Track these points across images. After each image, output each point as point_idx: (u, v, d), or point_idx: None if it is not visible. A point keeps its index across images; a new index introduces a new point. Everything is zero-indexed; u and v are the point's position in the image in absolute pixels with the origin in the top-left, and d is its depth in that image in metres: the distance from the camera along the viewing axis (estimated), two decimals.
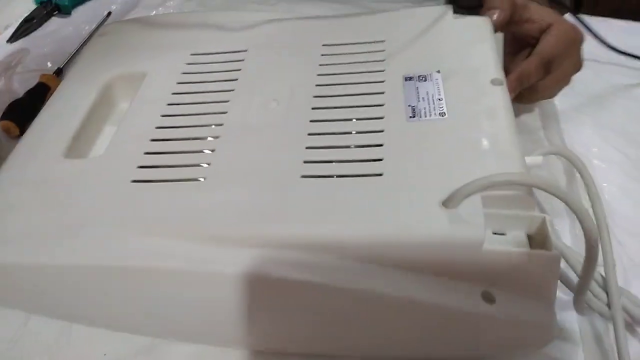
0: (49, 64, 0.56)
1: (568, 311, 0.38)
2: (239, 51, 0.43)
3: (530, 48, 0.46)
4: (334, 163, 0.33)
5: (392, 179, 0.31)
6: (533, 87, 0.45)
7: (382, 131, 0.34)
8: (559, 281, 0.33)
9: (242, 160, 0.34)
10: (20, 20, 0.61)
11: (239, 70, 0.41)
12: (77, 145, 0.39)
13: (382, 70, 0.39)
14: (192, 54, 0.44)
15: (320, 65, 0.40)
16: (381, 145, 0.34)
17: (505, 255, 0.29)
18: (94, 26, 0.61)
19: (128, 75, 0.43)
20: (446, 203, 0.29)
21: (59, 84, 0.50)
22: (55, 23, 0.62)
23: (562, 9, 0.50)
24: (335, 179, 0.32)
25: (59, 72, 0.54)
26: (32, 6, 0.64)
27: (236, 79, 0.40)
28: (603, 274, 0.36)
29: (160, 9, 0.64)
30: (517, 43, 0.47)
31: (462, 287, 0.30)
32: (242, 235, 0.30)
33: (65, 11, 0.63)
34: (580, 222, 0.28)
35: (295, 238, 0.30)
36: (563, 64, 0.45)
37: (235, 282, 0.30)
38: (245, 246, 0.30)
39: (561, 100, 0.51)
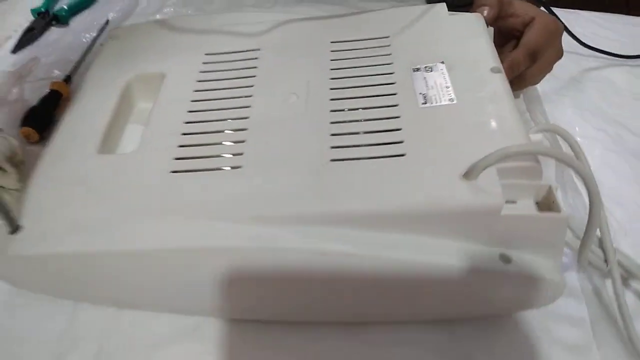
0: (56, 72, 0.57)
1: (569, 272, 0.42)
2: (252, 50, 0.46)
3: (515, 41, 0.51)
4: (359, 147, 0.36)
5: (414, 158, 0.35)
6: (521, 75, 0.49)
7: (398, 117, 0.38)
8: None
9: (273, 149, 0.37)
10: (19, 31, 0.63)
11: (255, 67, 0.44)
12: (107, 143, 0.41)
13: (391, 63, 0.43)
14: (207, 54, 0.46)
15: (331, 60, 0.44)
16: (400, 129, 0.37)
17: (521, 219, 0.33)
18: (94, 34, 0.63)
19: (146, 76, 0.46)
20: (466, 175, 0.33)
21: (69, 90, 0.52)
22: (55, 33, 0.64)
23: (537, 3, 0.55)
24: (362, 161, 0.35)
25: (68, 79, 0.56)
26: (29, 17, 0.65)
27: (254, 76, 0.43)
28: (599, 234, 0.40)
29: (157, 16, 0.66)
30: (502, 36, 0.52)
31: (482, 250, 0.34)
32: (285, 215, 0.33)
33: (63, 21, 0.65)
34: (586, 184, 0.32)
35: (333, 215, 0.33)
36: (547, 53, 0.50)
37: (283, 257, 0.33)
38: (288, 224, 0.33)
39: (543, 86, 0.56)
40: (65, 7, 0.65)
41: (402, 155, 0.35)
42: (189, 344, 0.38)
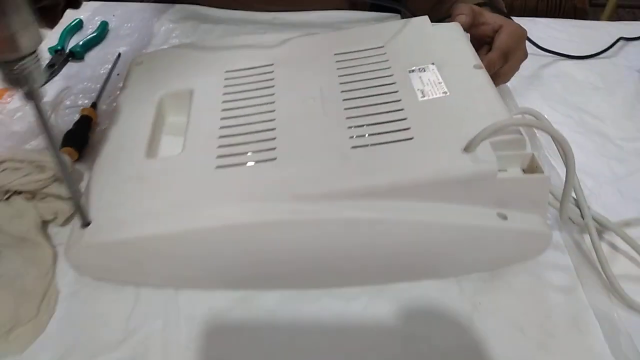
0: (80, 101, 0.63)
1: (552, 230, 0.50)
2: (267, 65, 0.53)
3: (487, 46, 0.59)
4: (374, 135, 0.44)
5: (421, 140, 0.43)
6: (496, 73, 0.58)
7: (402, 109, 0.46)
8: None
9: (300, 142, 0.44)
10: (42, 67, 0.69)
11: (273, 79, 0.51)
12: (151, 150, 0.47)
13: (389, 67, 0.51)
14: (227, 71, 0.53)
15: (337, 69, 0.51)
16: (405, 118, 0.45)
17: (513, 181, 0.41)
18: (109, 66, 0.69)
19: (176, 93, 0.52)
20: (467, 149, 0.41)
21: (97, 115, 0.59)
22: (73, 67, 0.70)
23: (501, 14, 0.64)
24: (378, 146, 0.43)
25: (94, 106, 0.62)
26: (47, 54, 0.71)
27: (273, 86, 0.50)
28: (574, 196, 0.48)
29: (164, 47, 0.73)
30: (475, 42, 0.60)
31: (482, 211, 0.42)
32: (321, 192, 0.40)
33: (78, 56, 0.71)
34: (562, 146, 0.40)
35: (361, 189, 0.40)
36: (516, 54, 0.59)
37: (324, 227, 0.40)
38: (324, 200, 0.40)
39: (512, 83, 0.65)
40: (80, 44, 0.72)
41: (411, 138, 0.43)
42: (242, 312, 0.44)
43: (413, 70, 0.50)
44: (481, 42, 0.60)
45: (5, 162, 0.47)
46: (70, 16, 0.77)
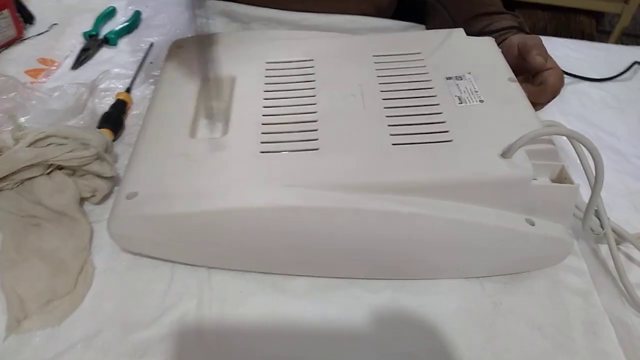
0: (118, 85, 0.65)
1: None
2: (307, 60, 0.55)
3: (527, 73, 0.60)
4: (414, 135, 0.46)
5: (460, 143, 0.45)
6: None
7: (441, 113, 0.48)
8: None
9: (342, 135, 0.46)
10: (75, 51, 0.70)
11: (313, 74, 0.53)
12: (193, 131, 0.49)
13: (427, 73, 0.53)
14: (267, 62, 0.55)
15: (376, 69, 0.53)
16: (444, 122, 0.47)
17: (546, 189, 0.44)
18: (141, 54, 0.71)
19: (219, 79, 0.53)
20: (504, 155, 0.43)
21: (131, 100, 0.60)
22: (106, 52, 0.71)
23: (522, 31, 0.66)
24: (418, 145, 0.45)
25: (129, 90, 0.63)
26: (81, 39, 0.73)
27: (314, 81, 0.52)
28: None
29: None
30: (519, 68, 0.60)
31: (512, 216, 0.44)
32: (362, 184, 0.42)
33: (112, 43, 0.73)
34: (593, 155, 0.42)
35: (400, 184, 0.42)
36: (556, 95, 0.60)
37: (361, 217, 0.42)
38: (363, 192, 0.42)
39: None
40: (115, 30, 0.73)
41: (450, 141, 0.45)
42: (272, 295, 0.46)
43: (450, 78, 0.52)
44: (524, 70, 0.60)
45: (51, 137, 0.48)
46: (104, 3, 0.79)
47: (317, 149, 0.45)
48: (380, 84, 0.51)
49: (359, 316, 0.45)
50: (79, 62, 0.69)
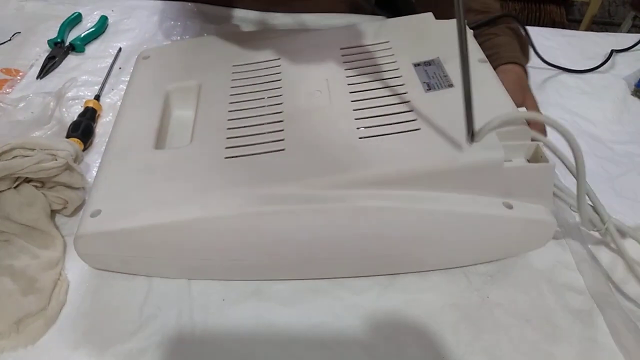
0: (87, 92, 0.63)
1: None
2: (273, 59, 0.54)
3: None
4: (381, 127, 0.45)
5: (428, 130, 0.44)
6: None
7: (408, 102, 0.47)
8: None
9: (308, 133, 0.45)
10: (40, 60, 0.68)
11: (280, 73, 0.52)
12: (159, 142, 0.47)
13: (395, 62, 0.52)
14: (234, 65, 0.54)
15: (344, 62, 0.52)
16: (411, 110, 0.46)
17: (519, 170, 0.43)
18: (110, 60, 0.69)
19: (184, 87, 0.52)
20: (474, 139, 0.42)
21: (101, 107, 0.59)
22: (73, 60, 0.69)
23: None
24: (386, 136, 0.44)
25: (98, 98, 0.62)
26: (46, 47, 0.70)
27: (280, 80, 0.51)
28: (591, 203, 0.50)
29: (166, 42, 0.73)
30: None
31: (489, 200, 0.43)
32: (329, 181, 0.41)
33: (79, 49, 0.70)
34: (568, 140, 0.42)
35: (370, 177, 0.41)
36: None
37: (332, 216, 0.41)
38: (332, 188, 0.41)
39: None
40: (80, 37, 0.71)
41: (418, 129, 0.44)
42: (255, 302, 0.45)
43: (418, 65, 0.51)
44: None
45: (16, 149, 0.46)
46: (69, 10, 0.77)
47: (282, 150, 0.44)
48: (347, 77, 0.51)
49: (345, 318, 0.44)
50: (45, 70, 0.66)
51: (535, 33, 0.82)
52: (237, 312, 0.44)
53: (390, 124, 0.45)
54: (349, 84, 0.50)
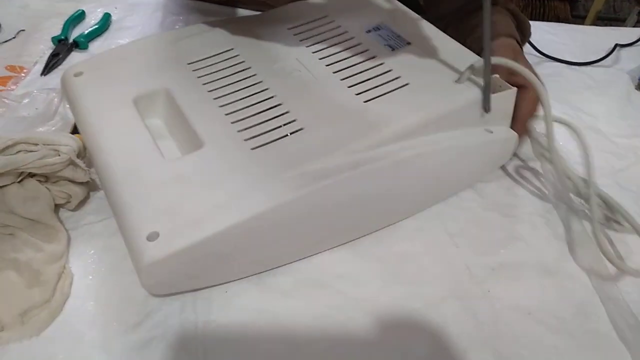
0: None
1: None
2: (227, 50, 0.53)
3: None
4: (374, 89, 0.48)
5: (415, 84, 0.48)
6: None
7: (382, 63, 0.50)
8: None
9: (315, 109, 0.46)
10: (44, 57, 0.69)
11: (244, 61, 0.51)
12: (161, 152, 0.44)
13: (347, 32, 0.54)
14: (189, 63, 0.51)
15: (300, 40, 0.54)
16: (391, 70, 0.49)
17: (496, 98, 0.48)
18: None
19: (148, 95, 0.49)
20: (458, 81, 0.48)
21: None
22: (77, 57, 0.70)
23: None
24: (384, 96, 0.47)
25: None
26: (50, 44, 0.71)
27: (249, 67, 0.51)
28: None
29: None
30: None
31: (475, 130, 0.49)
32: (368, 144, 0.44)
33: (82, 46, 0.71)
34: (532, 83, 0.49)
35: (399, 131, 0.45)
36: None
37: (367, 172, 0.43)
38: (372, 149, 0.44)
39: None
40: (84, 34, 0.72)
41: (407, 84, 0.48)
42: (258, 293, 0.45)
43: (370, 31, 0.54)
44: None
45: (20, 144, 0.46)
46: (72, 7, 0.77)
47: (302, 129, 0.44)
48: (313, 53, 0.52)
49: (346, 310, 0.44)
50: (49, 67, 0.67)
51: (537, 27, 0.82)
52: (240, 304, 0.44)
53: (382, 84, 0.48)
54: (320, 59, 0.51)
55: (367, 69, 0.50)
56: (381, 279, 0.46)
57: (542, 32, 0.82)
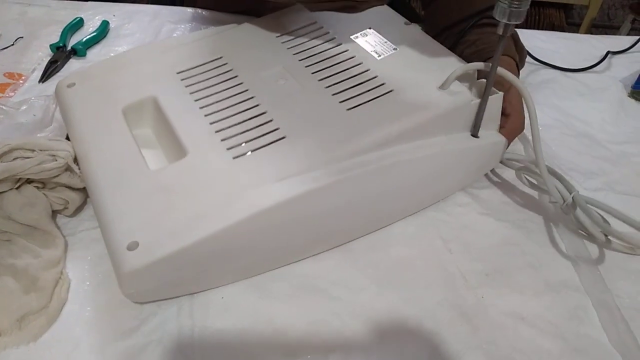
0: None
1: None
2: (217, 59, 0.54)
3: None
4: (358, 96, 0.49)
5: (401, 90, 0.49)
6: None
7: (368, 70, 0.51)
8: None
9: (298, 117, 0.47)
10: (42, 64, 0.69)
11: (231, 70, 0.53)
12: (146, 162, 0.45)
13: (334, 38, 0.55)
14: (177, 72, 0.52)
15: (287, 49, 0.55)
16: (376, 76, 0.50)
17: (483, 102, 0.49)
18: None
19: (136, 104, 0.50)
20: (442, 87, 0.49)
21: None
22: (75, 64, 0.70)
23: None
24: (367, 104, 0.48)
25: None
26: (48, 52, 0.71)
27: (236, 76, 0.52)
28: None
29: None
30: None
31: (460, 136, 0.50)
32: (346, 152, 0.44)
33: (80, 53, 0.71)
34: (518, 88, 0.49)
35: (368, 143, 0.45)
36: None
37: (352, 181, 0.44)
38: (340, 160, 0.44)
39: None
40: (82, 41, 0.72)
41: (391, 91, 0.49)
42: (255, 299, 0.45)
43: (357, 37, 0.55)
44: None
45: (17, 151, 0.47)
46: (71, 14, 0.78)
47: (284, 137, 0.45)
48: (299, 60, 0.53)
49: (342, 316, 0.44)
50: (47, 74, 0.67)
51: (531, 35, 0.83)
52: (236, 310, 0.44)
53: (367, 91, 0.49)
54: (306, 66, 0.52)
55: (353, 76, 0.51)
56: (376, 284, 0.47)
57: (537, 40, 0.83)
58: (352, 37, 0.55)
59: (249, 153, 0.44)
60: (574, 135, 0.64)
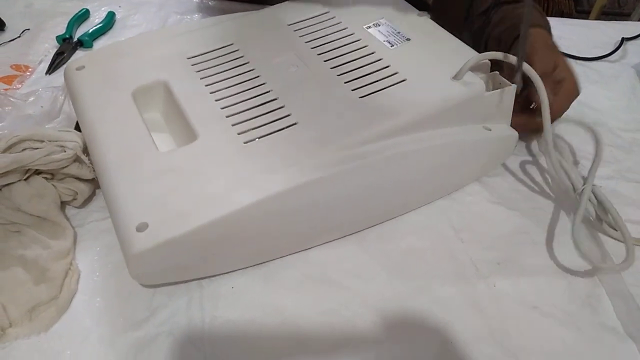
0: None
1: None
2: (227, 45, 0.54)
3: None
4: (370, 85, 0.48)
5: (414, 79, 0.49)
6: None
7: (381, 59, 0.50)
8: None
9: (310, 104, 0.47)
10: (49, 55, 0.69)
11: (243, 56, 0.52)
12: (156, 144, 0.45)
13: (346, 28, 0.55)
14: (188, 58, 0.52)
15: (300, 37, 0.54)
16: (388, 66, 0.49)
17: (494, 95, 0.49)
18: None
19: (148, 87, 0.50)
20: (456, 77, 0.48)
21: None
22: (81, 56, 0.70)
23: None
24: (381, 92, 0.47)
25: None
26: (55, 43, 0.71)
27: (247, 62, 0.51)
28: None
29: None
30: None
31: (473, 127, 0.49)
32: (355, 140, 0.43)
33: (87, 45, 0.71)
34: (532, 78, 0.48)
35: (379, 132, 0.44)
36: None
37: (363, 168, 0.43)
38: (352, 148, 0.43)
39: None
40: (88, 32, 0.72)
41: (404, 80, 0.48)
42: (264, 289, 0.45)
43: (369, 27, 0.54)
44: None
45: (26, 142, 0.47)
46: (77, 6, 0.77)
47: (296, 123, 0.44)
48: (312, 48, 0.52)
49: (352, 305, 0.44)
50: (54, 66, 0.67)
51: None
52: (246, 300, 0.44)
53: (379, 79, 0.48)
54: (318, 54, 0.52)
55: (365, 65, 0.50)
56: (387, 274, 0.46)
57: None
58: (364, 26, 0.55)
59: (260, 138, 0.44)
60: (584, 124, 0.63)
